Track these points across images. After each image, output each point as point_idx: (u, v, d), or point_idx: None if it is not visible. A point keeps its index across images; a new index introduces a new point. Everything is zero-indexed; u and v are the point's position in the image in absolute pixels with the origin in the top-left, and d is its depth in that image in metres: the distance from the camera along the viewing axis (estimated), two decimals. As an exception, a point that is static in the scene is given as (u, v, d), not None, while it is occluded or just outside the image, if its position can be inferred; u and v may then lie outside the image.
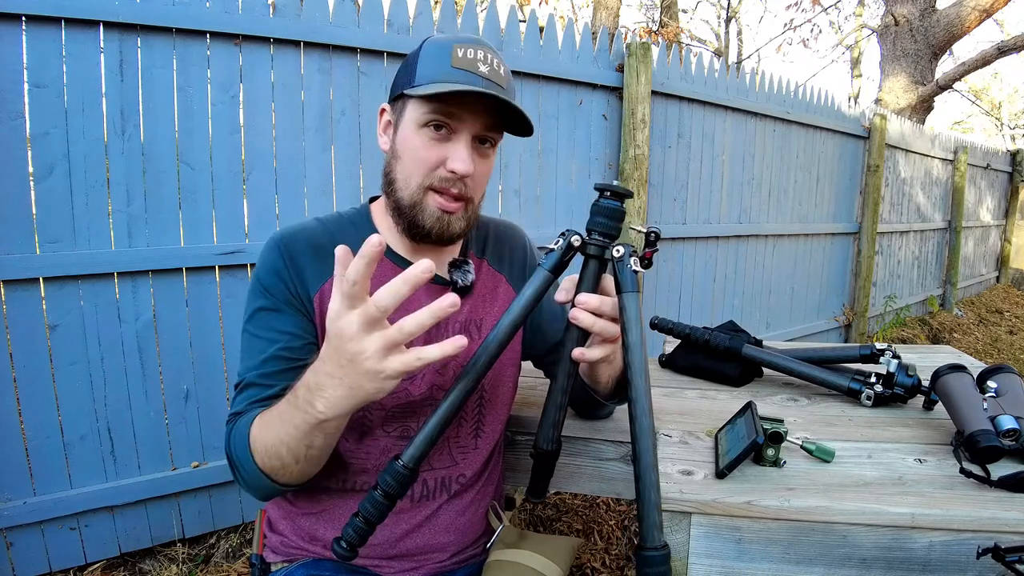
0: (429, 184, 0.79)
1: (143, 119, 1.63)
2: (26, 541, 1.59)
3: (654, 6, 10.67)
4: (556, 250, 0.72)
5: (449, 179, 0.79)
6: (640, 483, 0.67)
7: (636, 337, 0.69)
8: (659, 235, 0.72)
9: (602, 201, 0.71)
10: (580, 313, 0.71)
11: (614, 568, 1.77)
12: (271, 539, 0.91)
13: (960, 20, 6.06)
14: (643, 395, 0.68)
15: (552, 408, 0.74)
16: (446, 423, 0.68)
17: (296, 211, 1.88)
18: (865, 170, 4.22)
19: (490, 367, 0.70)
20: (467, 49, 0.77)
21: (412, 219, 0.81)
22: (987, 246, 7.26)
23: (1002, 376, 0.99)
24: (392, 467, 0.66)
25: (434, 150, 0.78)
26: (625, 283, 0.70)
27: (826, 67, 26.19)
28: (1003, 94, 19.18)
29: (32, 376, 1.56)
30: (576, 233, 0.72)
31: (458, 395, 0.68)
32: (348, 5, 1.91)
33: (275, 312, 0.80)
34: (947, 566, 0.76)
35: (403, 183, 0.80)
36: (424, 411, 0.86)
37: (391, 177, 0.82)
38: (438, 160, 0.78)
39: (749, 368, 1.27)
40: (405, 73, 0.80)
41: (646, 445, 0.67)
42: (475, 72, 0.76)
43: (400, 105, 0.81)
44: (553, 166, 2.50)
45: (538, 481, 0.79)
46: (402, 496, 0.67)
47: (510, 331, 0.70)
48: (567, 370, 0.74)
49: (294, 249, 0.81)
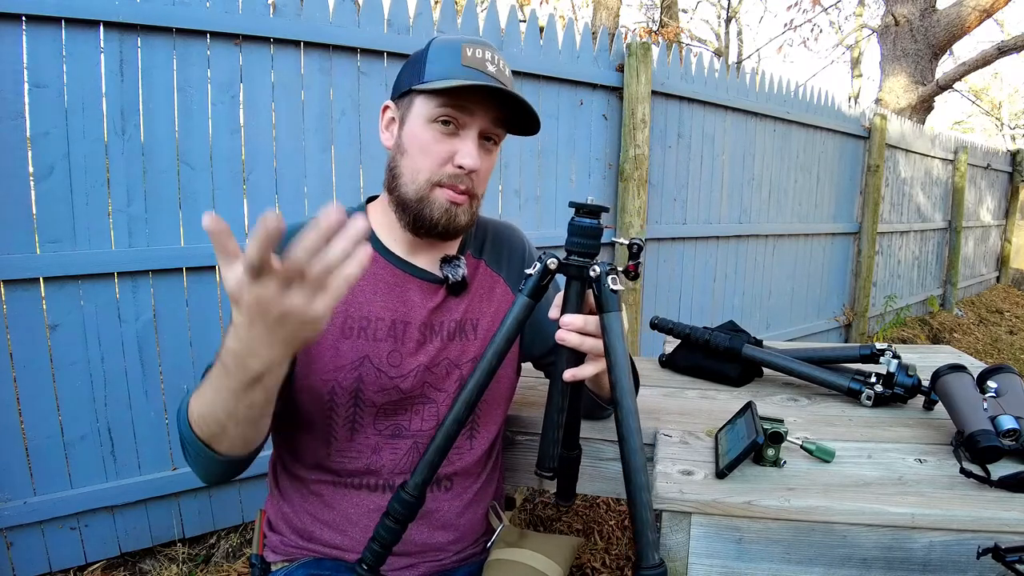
0: (437, 180, 0.80)
1: (143, 119, 1.63)
2: (26, 541, 1.59)
3: (654, 6, 10.67)
4: (534, 275, 0.72)
5: (457, 175, 0.80)
6: (632, 504, 0.67)
7: (621, 354, 0.69)
8: (641, 246, 0.71)
9: (576, 220, 0.70)
10: (567, 334, 0.71)
11: (614, 568, 1.77)
12: (271, 539, 0.92)
13: (960, 20, 6.06)
14: (630, 415, 0.68)
15: (550, 427, 0.74)
16: (444, 450, 0.71)
17: (296, 211, 1.88)
18: (865, 170, 4.22)
19: (480, 395, 0.72)
20: (476, 49, 0.79)
21: (418, 212, 0.81)
22: (987, 246, 7.26)
23: (1002, 376, 0.99)
24: (399, 496, 0.71)
25: (443, 144, 0.79)
26: (606, 303, 0.69)
27: (826, 67, 26.19)
28: (1003, 94, 19.18)
29: (32, 376, 1.56)
30: (552, 256, 0.72)
31: (451, 424, 0.71)
32: (348, 5, 1.91)
33: None
34: (947, 566, 0.76)
35: (410, 177, 0.81)
36: (415, 407, 0.87)
37: (396, 172, 0.82)
38: (447, 154, 0.79)
39: (749, 368, 1.27)
40: (412, 70, 0.81)
41: (640, 482, 0.67)
42: (484, 71, 0.78)
43: (407, 101, 0.81)
44: (553, 166, 2.50)
45: (565, 486, 0.80)
46: (412, 520, 0.72)
47: (496, 360, 0.72)
48: (561, 389, 0.73)
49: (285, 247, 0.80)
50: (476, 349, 0.90)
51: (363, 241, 0.53)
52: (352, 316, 0.83)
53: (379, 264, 0.85)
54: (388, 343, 0.84)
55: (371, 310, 0.84)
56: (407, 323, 0.85)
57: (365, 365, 0.83)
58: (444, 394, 0.88)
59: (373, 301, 0.84)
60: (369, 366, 0.83)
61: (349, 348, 0.82)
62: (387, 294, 0.85)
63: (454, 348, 0.88)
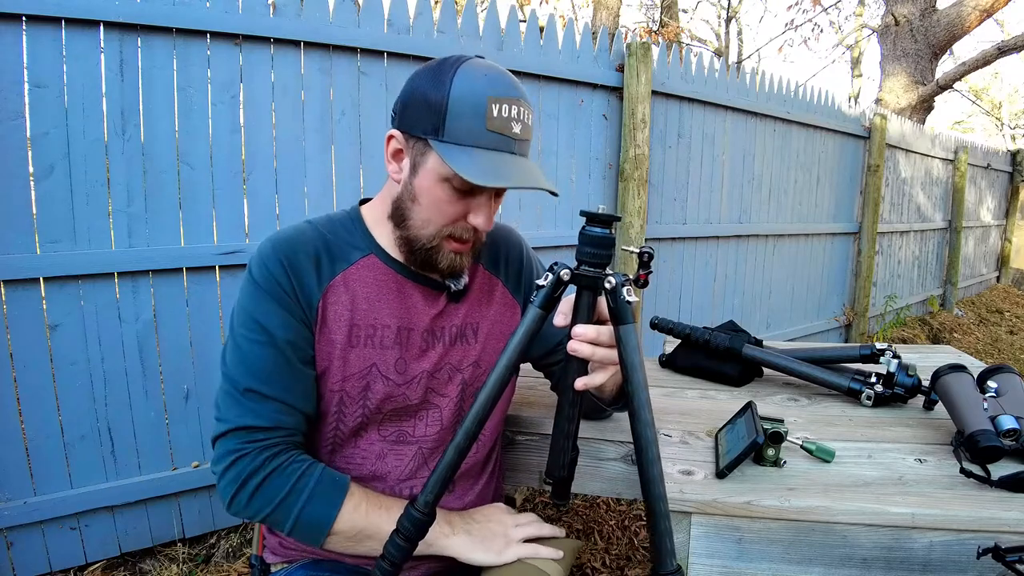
0: (449, 234, 0.79)
1: (143, 119, 1.63)
2: (26, 541, 1.59)
3: (654, 6, 10.66)
4: (546, 286, 0.70)
5: (468, 229, 0.80)
6: (650, 513, 0.67)
7: (638, 367, 0.68)
8: (652, 255, 0.69)
9: (588, 229, 0.69)
10: (579, 345, 0.70)
11: (614, 568, 1.77)
12: (271, 540, 0.92)
13: (960, 20, 6.05)
14: (647, 427, 0.67)
15: (561, 437, 0.74)
16: (455, 466, 0.70)
17: (296, 211, 1.88)
18: (865, 170, 4.22)
19: (493, 406, 0.70)
20: (502, 106, 0.73)
21: (426, 258, 0.81)
22: (987, 246, 7.26)
23: (1002, 376, 0.99)
24: (409, 513, 0.70)
25: (457, 205, 0.78)
26: (622, 315, 0.68)
27: (826, 67, 26.19)
28: (1003, 94, 19.18)
29: (32, 376, 1.56)
30: (565, 267, 0.70)
31: (462, 438, 0.70)
32: (348, 5, 1.91)
33: (277, 318, 0.78)
34: (947, 566, 0.76)
35: (420, 226, 0.80)
36: (418, 413, 0.87)
37: (405, 214, 0.80)
38: (461, 214, 0.79)
39: (749, 368, 1.27)
40: (429, 113, 0.74)
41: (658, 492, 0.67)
42: (510, 135, 0.74)
43: (421, 147, 0.76)
44: (553, 166, 2.50)
45: (560, 488, 0.80)
46: (420, 538, 0.71)
47: (507, 372, 0.70)
48: (571, 399, 0.73)
49: (294, 258, 0.79)
50: (476, 353, 0.90)
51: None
52: (358, 324, 0.82)
53: (382, 271, 0.84)
54: (395, 351, 0.84)
55: (377, 317, 0.83)
56: (411, 329, 0.85)
57: (372, 373, 0.83)
58: (447, 399, 0.88)
59: (378, 308, 0.83)
60: (376, 374, 0.83)
61: (357, 357, 0.82)
62: (392, 301, 0.84)
63: (455, 353, 0.88)
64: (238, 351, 0.78)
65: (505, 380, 0.70)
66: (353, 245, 0.84)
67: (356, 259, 0.84)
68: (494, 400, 0.70)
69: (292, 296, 0.79)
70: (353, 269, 0.83)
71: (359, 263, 0.84)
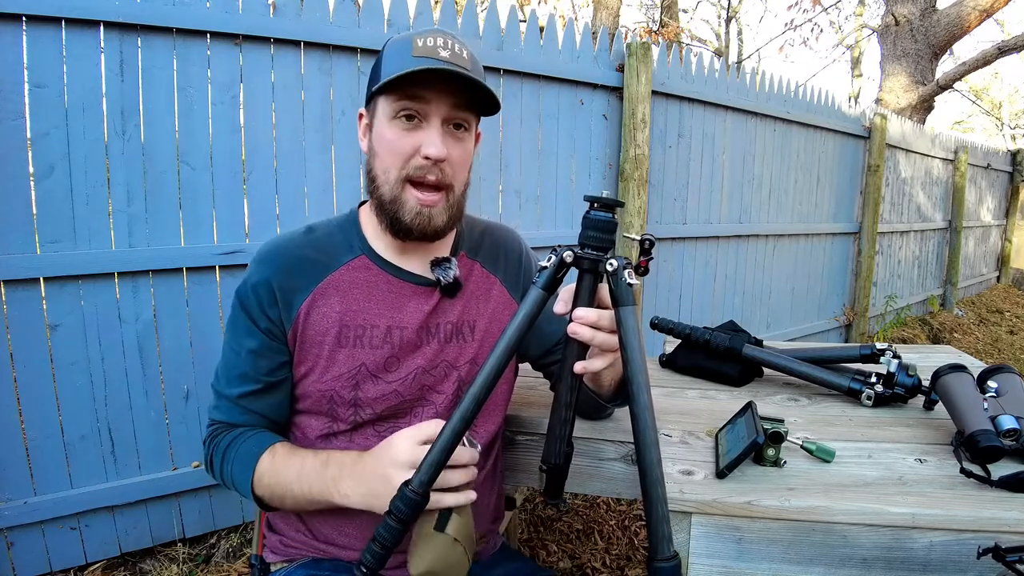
0: (407, 175, 0.80)
1: (143, 119, 1.63)
2: (26, 541, 1.59)
3: (654, 6, 10.67)
4: (549, 267, 0.71)
5: (424, 166, 0.79)
6: (647, 498, 0.67)
7: (636, 349, 0.68)
8: (653, 242, 0.70)
9: (592, 214, 0.69)
10: (579, 328, 0.70)
11: (614, 568, 1.77)
12: (271, 539, 0.92)
13: (960, 20, 6.05)
14: (645, 410, 0.67)
15: (557, 423, 0.74)
16: (450, 449, 0.69)
17: (296, 211, 1.88)
18: (865, 170, 4.22)
19: (490, 391, 0.70)
20: (427, 38, 0.78)
21: (393, 215, 0.81)
22: (987, 246, 7.26)
23: (1002, 376, 0.99)
24: (403, 493, 0.68)
25: (407, 139, 0.79)
26: (622, 297, 0.69)
27: (826, 67, 26.19)
28: (1003, 94, 19.18)
29: (32, 376, 1.56)
30: (568, 248, 0.71)
31: (458, 420, 0.68)
32: (348, 5, 1.91)
33: (246, 330, 0.84)
34: (947, 566, 0.76)
35: (383, 178, 0.81)
36: (413, 410, 0.87)
37: (372, 175, 0.83)
38: (412, 148, 0.79)
39: (749, 368, 1.27)
40: (373, 74, 0.82)
41: (655, 476, 0.66)
42: (436, 57, 0.76)
43: (373, 105, 0.82)
44: (553, 166, 2.50)
45: (553, 485, 0.80)
46: (414, 520, 0.70)
47: (507, 355, 0.70)
48: (569, 384, 0.73)
49: (279, 265, 0.83)
50: (473, 351, 0.90)
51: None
52: (348, 325, 0.84)
53: (373, 272, 0.86)
54: (384, 349, 0.84)
55: (366, 318, 0.84)
56: (403, 328, 0.85)
57: (361, 372, 0.84)
58: (443, 396, 0.88)
59: (368, 309, 0.85)
60: (365, 373, 0.84)
61: (345, 357, 0.83)
62: (382, 301, 0.85)
63: (451, 350, 0.88)
64: (221, 354, 0.87)
65: (504, 361, 0.70)
66: (345, 248, 0.87)
67: (346, 261, 0.86)
68: (493, 380, 0.69)
69: (259, 309, 0.83)
70: (343, 271, 0.85)
71: (349, 265, 0.86)
